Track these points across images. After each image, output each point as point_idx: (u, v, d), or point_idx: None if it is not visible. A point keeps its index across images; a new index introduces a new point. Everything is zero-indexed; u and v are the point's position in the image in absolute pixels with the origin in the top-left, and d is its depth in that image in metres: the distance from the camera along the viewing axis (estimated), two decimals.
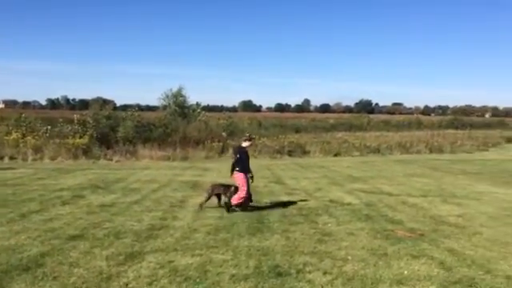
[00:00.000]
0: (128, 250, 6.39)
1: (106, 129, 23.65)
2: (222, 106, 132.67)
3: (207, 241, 7.00)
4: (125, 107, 39.53)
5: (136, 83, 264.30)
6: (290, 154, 24.81)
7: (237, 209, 9.29)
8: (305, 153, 25.61)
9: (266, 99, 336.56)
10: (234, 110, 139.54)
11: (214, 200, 9.81)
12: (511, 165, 20.94)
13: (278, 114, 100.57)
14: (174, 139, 23.92)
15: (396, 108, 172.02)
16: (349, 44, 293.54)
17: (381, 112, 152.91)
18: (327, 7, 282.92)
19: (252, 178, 9.53)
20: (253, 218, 8.70)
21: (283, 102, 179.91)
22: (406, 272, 5.64)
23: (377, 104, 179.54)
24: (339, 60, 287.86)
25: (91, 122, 23.37)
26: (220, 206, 9.60)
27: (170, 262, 5.93)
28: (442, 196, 11.66)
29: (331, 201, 10.70)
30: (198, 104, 32.38)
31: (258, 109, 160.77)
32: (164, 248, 6.56)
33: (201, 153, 23.17)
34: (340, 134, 37.06)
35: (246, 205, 9.45)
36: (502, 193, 12.38)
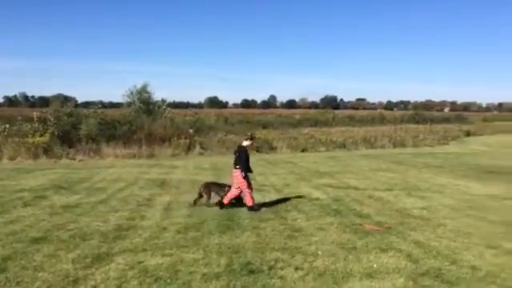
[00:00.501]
0: (95, 252, 6.21)
1: (68, 126, 22.90)
2: (187, 102, 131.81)
3: (177, 240, 6.90)
4: (87, 104, 38.53)
5: (99, 80, 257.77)
6: (257, 150, 24.78)
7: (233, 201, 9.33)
8: (272, 149, 25.71)
9: (232, 95, 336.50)
10: (199, 106, 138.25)
11: (186, 198, 9.67)
12: (470, 158, 21.75)
13: (244, 110, 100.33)
14: (139, 136, 23.47)
15: (360, 103, 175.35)
16: (314, 40, 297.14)
17: (346, 107, 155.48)
18: (290, 4, 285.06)
19: (246, 177, 9.18)
20: (223, 215, 8.65)
21: (249, 98, 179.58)
22: (375, 265, 5.74)
23: (342, 99, 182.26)
24: (305, 56, 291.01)
25: (52, 119, 22.53)
26: (194, 205, 9.45)
27: (140, 262, 5.81)
28: (407, 189, 11.97)
29: (300, 196, 10.77)
30: (163, 100, 31.64)
31: (224, 105, 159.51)
32: (133, 248, 6.42)
33: (167, 150, 22.85)
34: (306, 130, 37.51)
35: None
36: (462, 185, 12.83)
